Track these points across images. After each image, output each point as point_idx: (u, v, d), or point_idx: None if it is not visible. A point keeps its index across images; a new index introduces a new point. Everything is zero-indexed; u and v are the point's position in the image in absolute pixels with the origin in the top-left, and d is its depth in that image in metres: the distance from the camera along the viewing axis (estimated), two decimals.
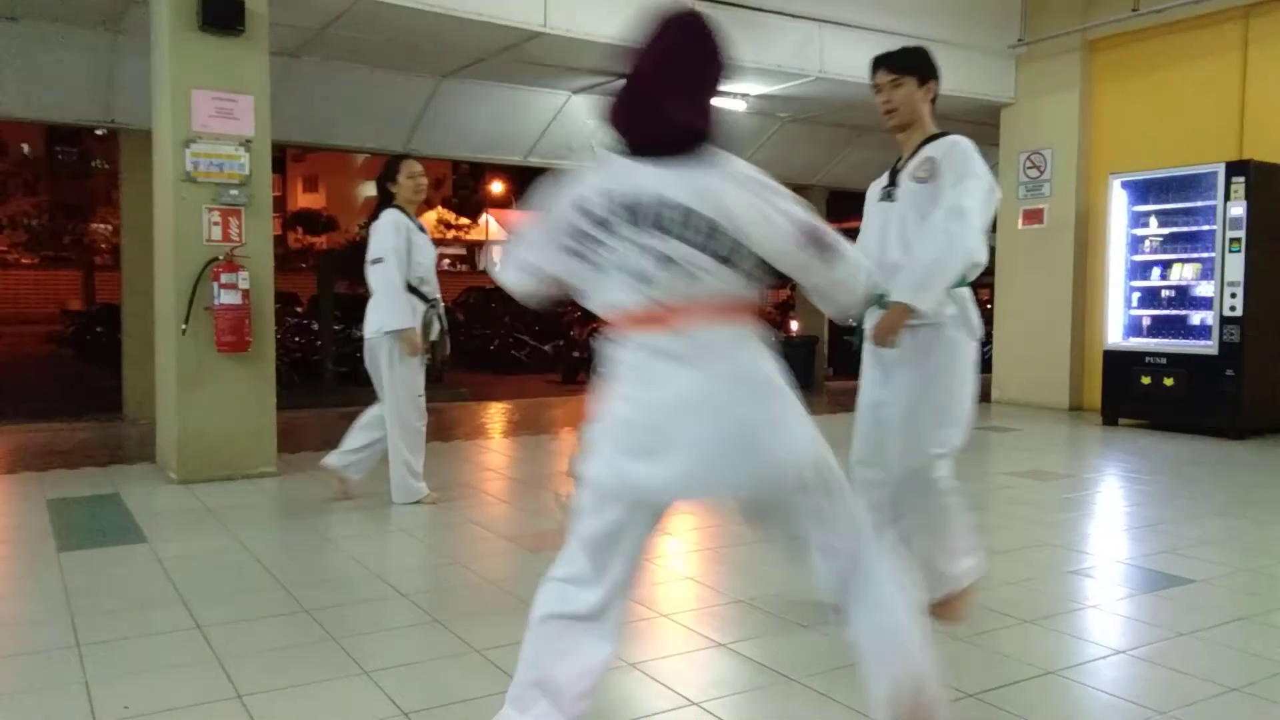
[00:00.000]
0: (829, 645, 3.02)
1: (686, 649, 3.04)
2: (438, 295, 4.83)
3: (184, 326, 5.46)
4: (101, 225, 29.43)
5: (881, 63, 3.09)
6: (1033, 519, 4.81)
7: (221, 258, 5.53)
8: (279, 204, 35.87)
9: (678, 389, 1.92)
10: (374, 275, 4.65)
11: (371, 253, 4.67)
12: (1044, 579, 3.78)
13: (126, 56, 7.16)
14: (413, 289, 4.71)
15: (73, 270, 29.98)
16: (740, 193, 1.94)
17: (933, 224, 2.85)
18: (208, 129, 5.51)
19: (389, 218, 4.67)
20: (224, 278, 5.49)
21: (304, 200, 41.69)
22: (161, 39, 5.55)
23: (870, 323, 2.98)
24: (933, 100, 3.11)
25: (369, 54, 7.88)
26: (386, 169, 4.80)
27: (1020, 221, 9.55)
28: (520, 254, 2.16)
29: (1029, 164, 9.47)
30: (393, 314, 4.62)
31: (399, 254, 4.62)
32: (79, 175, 30.22)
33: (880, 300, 2.89)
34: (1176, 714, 2.54)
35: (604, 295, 2.00)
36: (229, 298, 5.50)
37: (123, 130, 8.05)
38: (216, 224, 5.56)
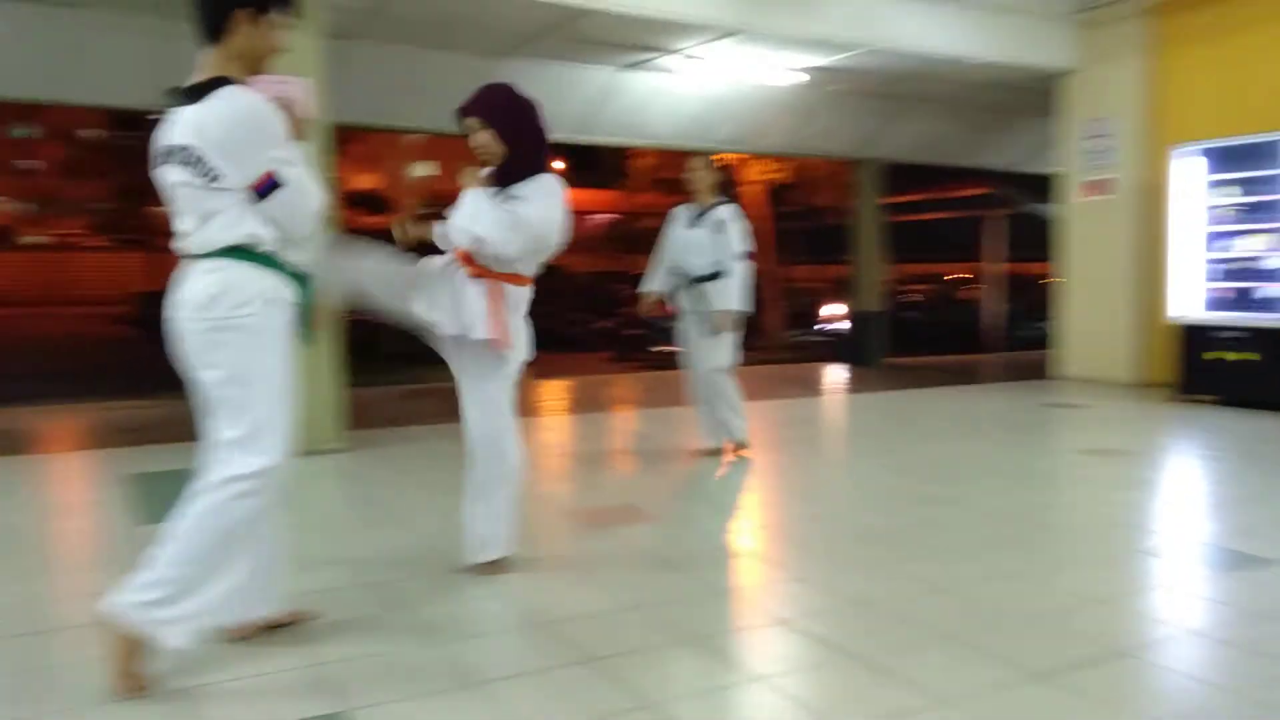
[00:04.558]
0: (891, 624, 3.01)
1: (750, 625, 3.05)
2: None
3: None
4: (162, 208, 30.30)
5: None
6: (1101, 497, 4.72)
7: None
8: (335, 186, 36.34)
9: None
10: (743, 267, 5.37)
11: (741, 245, 5.40)
12: (1114, 558, 3.71)
13: (180, 41, 7.24)
14: None
15: (138, 252, 30.77)
16: None
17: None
18: None
19: (745, 220, 5.51)
20: None
21: (358, 182, 42.14)
22: None
23: None
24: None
25: (420, 35, 7.93)
26: (731, 177, 5.74)
27: (1083, 193, 9.32)
28: None
29: (1092, 134, 9.22)
30: (750, 299, 5.47)
31: None
32: (142, 159, 30.95)
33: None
34: (1254, 695, 2.48)
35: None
36: None
37: None
38: None
